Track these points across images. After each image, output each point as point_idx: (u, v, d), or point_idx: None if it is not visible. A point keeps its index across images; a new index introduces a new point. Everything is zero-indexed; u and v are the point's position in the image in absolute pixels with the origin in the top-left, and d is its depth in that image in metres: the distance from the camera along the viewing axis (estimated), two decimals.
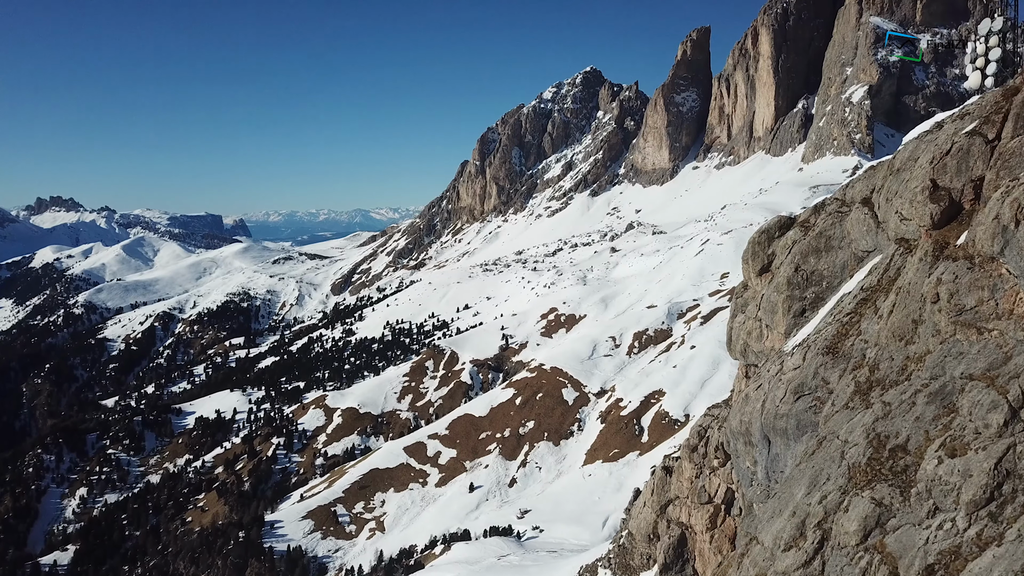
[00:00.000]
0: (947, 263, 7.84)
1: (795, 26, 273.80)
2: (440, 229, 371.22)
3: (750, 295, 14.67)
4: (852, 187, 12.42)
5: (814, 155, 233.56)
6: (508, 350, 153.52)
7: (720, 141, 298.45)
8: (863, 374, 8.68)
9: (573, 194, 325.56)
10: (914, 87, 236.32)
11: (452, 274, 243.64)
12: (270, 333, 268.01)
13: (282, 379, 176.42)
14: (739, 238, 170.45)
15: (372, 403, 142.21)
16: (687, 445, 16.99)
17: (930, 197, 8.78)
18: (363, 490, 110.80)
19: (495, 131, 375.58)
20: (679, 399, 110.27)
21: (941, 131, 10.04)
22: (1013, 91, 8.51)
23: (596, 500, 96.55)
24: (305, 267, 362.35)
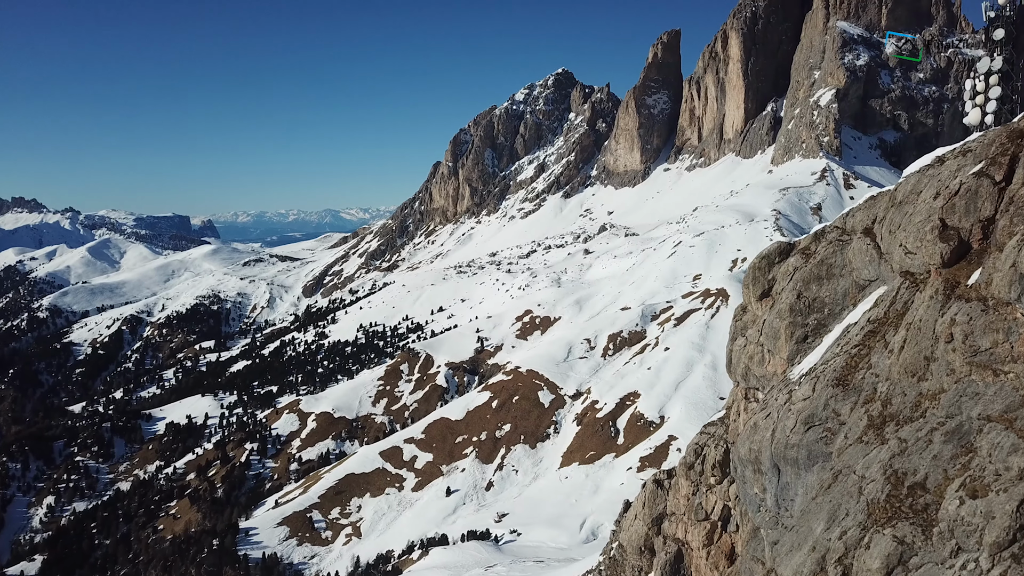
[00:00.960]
0: (960, 304, 8.11)
1: (764, 30, 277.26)
2: (413, 230, 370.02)
3: (749, 318, 14.94)
4: (853, 216, 12.71)
5: (783, 157, 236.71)
6: (483, 353, 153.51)
7: (691, 143, 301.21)
8: (876, 408, 8.93)
9: (546, 196, 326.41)
10: (880, 91, 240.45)
11: (426, 276, 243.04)
12: (241, 336, 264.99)
13: (254, 383, 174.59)
14: (711, 240, 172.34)
15: (347, 407, 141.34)
16: (683, 463, 17.22)
17: (940, 236, 9.05)
18: (339, 495, 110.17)
19: (467, 132, 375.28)
20: (654, 401, 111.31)
21: (943, 167, 10.33)
22: (1019, 134, 8.81)
23: (573, 503, 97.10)
24: (276, 269, 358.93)
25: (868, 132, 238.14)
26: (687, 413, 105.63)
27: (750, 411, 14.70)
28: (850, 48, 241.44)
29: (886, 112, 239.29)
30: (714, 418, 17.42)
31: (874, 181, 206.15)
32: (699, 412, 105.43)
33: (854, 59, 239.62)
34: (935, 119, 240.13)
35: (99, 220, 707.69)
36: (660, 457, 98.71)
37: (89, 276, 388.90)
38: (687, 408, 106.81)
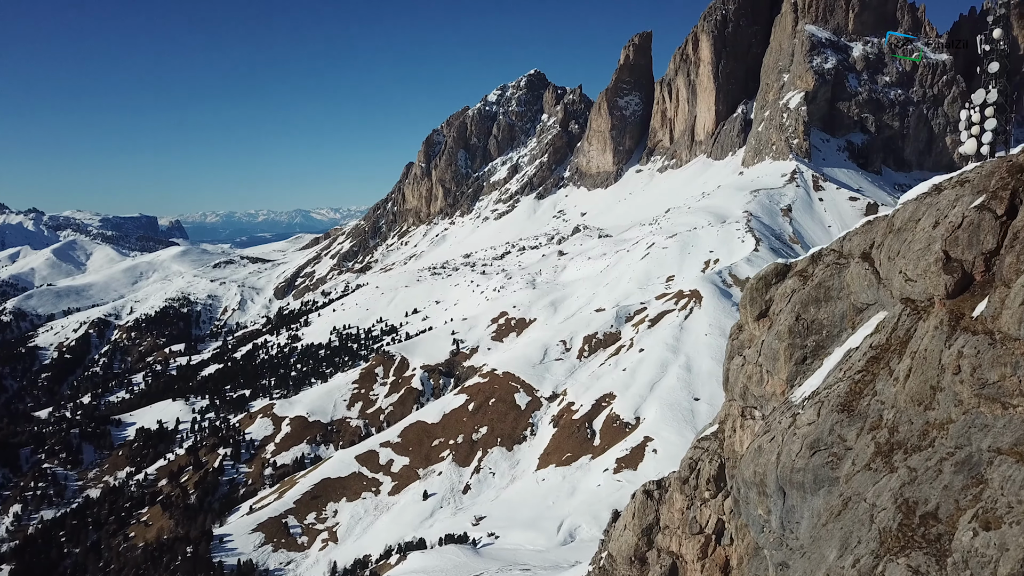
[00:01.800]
0: (967, 336, 8.42)
1: (734, 33, 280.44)
2: (386, 231, 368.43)
3: (746, 337, 15.26)
4: (849, 240, 13.04)
5: (754, 159, 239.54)
6: (459, 355, 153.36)
7: (663, 145, 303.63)
8: (883, 435, 9.23)
9: (519, 197, 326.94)
10: (848, 93, 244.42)
11: (399, 278, 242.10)
12: (212, 339, 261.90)
13: (227, 387, 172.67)
14: (683, 242, 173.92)
15: (321, 411, 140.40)
16: (678, 477, 17.51)
17: (943, 268, 9.38)
18: (315, 500, 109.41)
19: (440, 133, 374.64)
20: (629, 402, 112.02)
21: (941, 196, 10.67)
22: (1018, 168, 9.16)
23: (550, 505, 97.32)
24: (247, 271, 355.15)
25: (836, 134, 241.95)
26: (662, 414, 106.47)
27: (747, 428, 15.00)
28: (818, 51, 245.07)
29: (853, 115, 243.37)
30: (707, 432, 17.72)
31: (843, 183, 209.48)
32: (674, 413, 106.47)
33: (822, 62, 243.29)
34: (901, 121, 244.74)
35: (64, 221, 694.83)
36: (636, 458, 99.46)
37: (54, 278, 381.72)
38: (662, 409, 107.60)
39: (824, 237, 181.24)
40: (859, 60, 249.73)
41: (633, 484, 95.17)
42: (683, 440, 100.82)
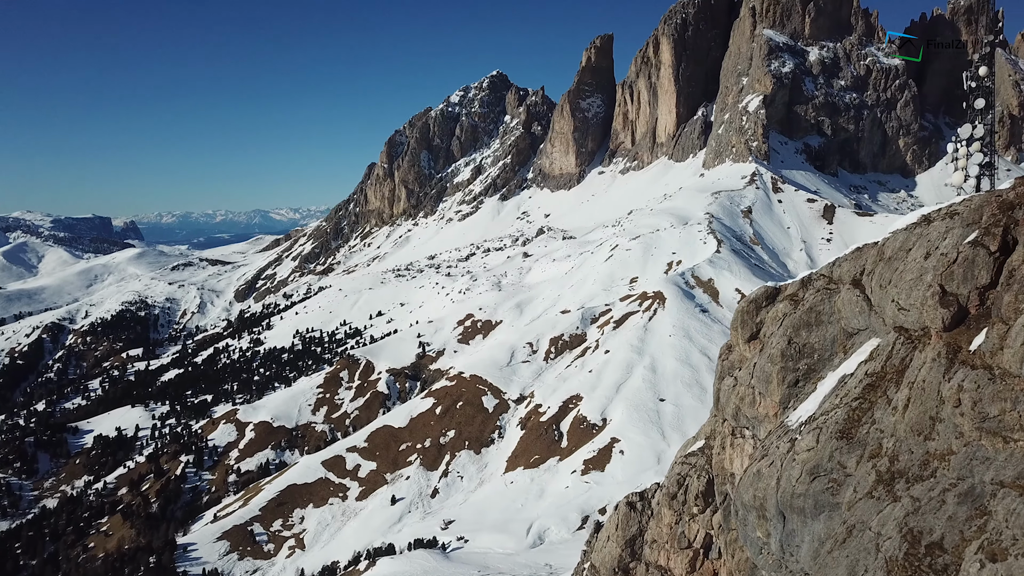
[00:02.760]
0: (966, 370, 8.88)
1: (694, 36, 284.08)
2: (348, 233, 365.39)
3: (736, 358, 15.70)
4: (839, 266, 13.51)
5: (714, 161, 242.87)
6: (425, 358, 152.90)
7: (625, 147, 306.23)
8: (883, 463, 9.66)
9: (483, 198, 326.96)
10: (804, 97, 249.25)
11: (363, 280, 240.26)
12: (171, 343, 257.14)
13: (187, 392, 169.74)
14: (646, 243, 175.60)
15: (286, 416, 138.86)
16: (666, 493, 17.88)
17: (940, 302, 9.85)
18: (281, 507, 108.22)
19: (403, 134, 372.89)
20: (596, 403, 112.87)
21: (931, 227, 11.16)
22: (1008, 205, 9.67)
23: (519, 507, 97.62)
24: (206, 273, 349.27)
25: (794, 137, 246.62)
26: (628, 415, 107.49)
27: (737, 447, 15.41)
28: (776, 56, 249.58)
29: (810, 118, 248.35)
30: (693, 448, 18.13)
31: (800, 185, 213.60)
32: (640, 414, 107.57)
33: (780, 66, 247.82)
34: (856, 125, 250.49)
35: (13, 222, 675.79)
36: (603, 459, 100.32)
37: (4, 282, 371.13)
38: (628, 410, 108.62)
39: (783, 238, 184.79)
40: (815, 64, 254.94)
41: (601, 486, 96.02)
42: (649, 441, 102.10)
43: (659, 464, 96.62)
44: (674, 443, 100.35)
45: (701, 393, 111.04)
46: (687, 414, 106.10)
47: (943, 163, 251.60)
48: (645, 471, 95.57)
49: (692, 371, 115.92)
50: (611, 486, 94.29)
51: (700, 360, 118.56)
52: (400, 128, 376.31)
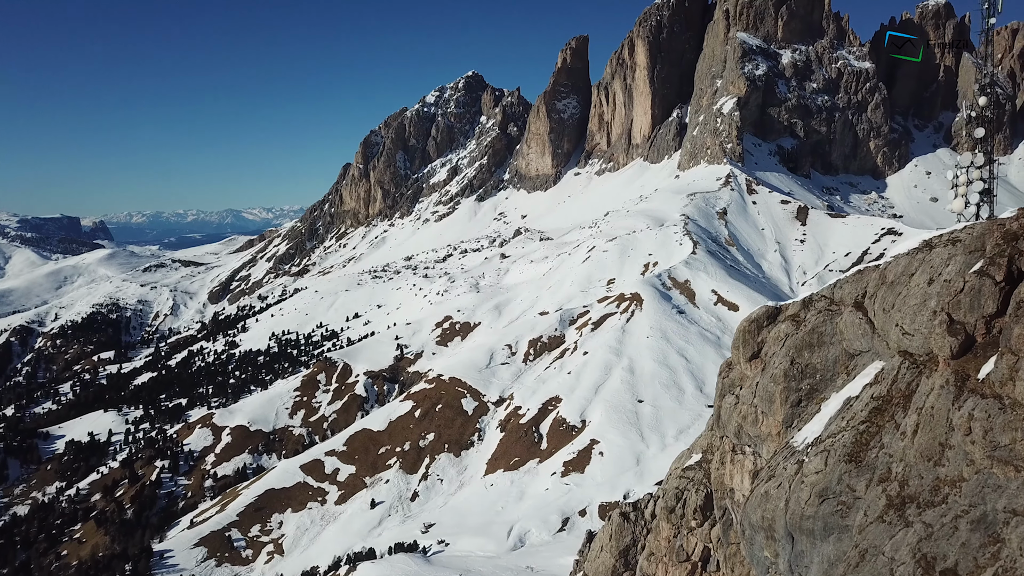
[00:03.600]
0: (976, 399, 9.26)
1: (668, 38, 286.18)
2: (323, 234, 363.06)
3: (736, 376, 16.05)
4: (840, 288, 13.90)
5: (689, 163, 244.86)
6: (403, 360, 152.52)
7: (600, 148, 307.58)
8: (893, 488, 10.02)
9: (460, 199, 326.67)
10: (778, 99, 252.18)
11: (339, 281, 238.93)
12: (143, 346, 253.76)
13: (162, 396, 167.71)
14: (623, 245, 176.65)
15: (263, 420, 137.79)
16: (665, 506, 18.20)
17: (948, 331, 10.24)
18: (259, 512, 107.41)
19: (378, 134, 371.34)
20: (575, 405, 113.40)
21: (933, 253, 11.57)
22: (1012, 236, 10.09)
23: (500, 510, 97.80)
24: (179, 274, 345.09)
25: (767, 139, 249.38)
26: (607, 416, 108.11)
27: (737, 463, 15.76)
28: (749, 58, 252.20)
29: (783, 120, 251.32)
30: (690, 462, 18.48)
31: (774, 186, 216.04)
32: (619, 415, 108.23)
33: (753, 69, 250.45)
34: (828, 127, 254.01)
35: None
36: (583, 461, 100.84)
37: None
38: (607, 411, 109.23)
39: (758, 239, 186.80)
40: (788, 67, 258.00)
41: (581, 487, 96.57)
42: (628, 442, 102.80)
43: (638, 466, 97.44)
44: (652, 444, 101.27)
45: (679, 394, 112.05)
46: (665, 415, 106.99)
47: (912, 165, 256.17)
48: (624, 472, 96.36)
49: (670, 372, 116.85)
50: (591, 488, 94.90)
51: (677, 361, 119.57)
52: (375, 128, 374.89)
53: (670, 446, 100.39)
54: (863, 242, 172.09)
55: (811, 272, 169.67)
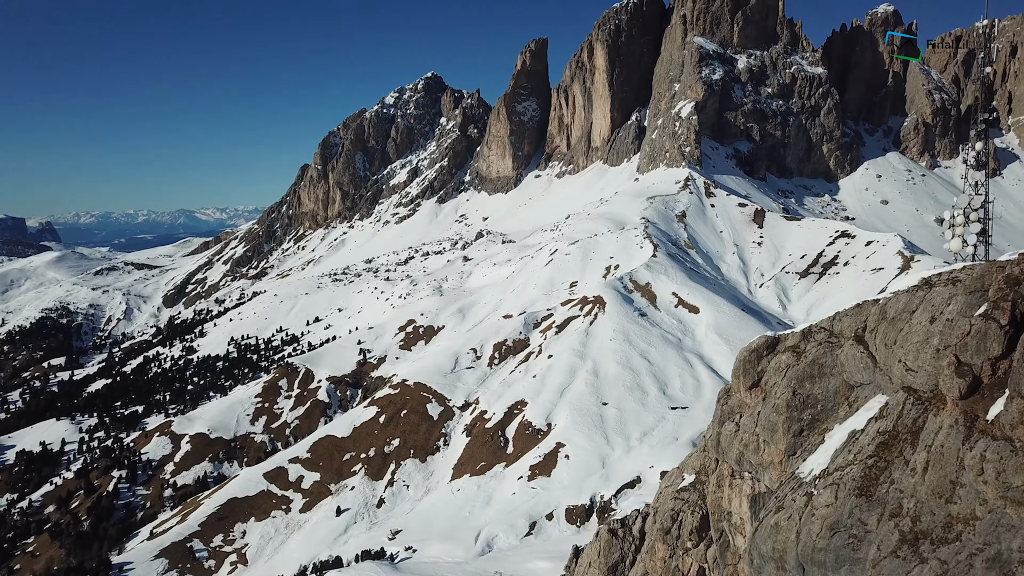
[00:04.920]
0: (987, 440, 9.83)
1: (627, 42, 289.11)
2: (281, 236, 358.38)
3: (735, 403, 16.56)
4: (840, 320, 14.47)
5: (648, 166, 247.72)
6: (366, 365, 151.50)
7: (560, 150, 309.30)
8: (906, 524, 10.54)
9: (420, 201, 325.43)
10: (734, 104, 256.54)
11: (299, 284, 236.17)
12: (96, 352, 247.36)
13: (117, 404, 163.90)
14: (585, 248, 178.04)
15: (223, 427, 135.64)
16: (660, 527, 18.63)
17: (956, 372, 10.82)
18: (221, 521, 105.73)
19: (337, 135, 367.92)
20: (541, 408, 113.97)
21: (934, 292, 12.16)
22: (1015, 281, 10.71)
23: (467, 515, 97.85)
24: (132, 278, 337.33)
25: (724, 142, 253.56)
26: (573, 420, 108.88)
27: (735, 487, 16.25)
28: (707, 63, 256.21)
29: (740, 124, 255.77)
30: (684, 483, 18.95)
31: (732, 189, 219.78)
32: (584, 418, 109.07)
33: (711, 73, 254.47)
34: (783, 131, 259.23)
35: None
36: (549, 465, 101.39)
37: None
38: (572, 414, 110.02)
39: (716, 242, 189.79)
40: (744, 72, 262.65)
41: (547, 491, 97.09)
42: (593, 445, 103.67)
43: (604, 468, 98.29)
44: (618, 447, 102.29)
45: (642, 396, 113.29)
46: (629, 417, 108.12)
47: (863, 168, 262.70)
48: (590, 475, 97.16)
49: (633, 374, 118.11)
50: (557, 491, 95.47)
51: (640, 363, 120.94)
52: (334, 129, 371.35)
53: (635, 448, 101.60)
54: (818, 244, 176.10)
55: (768, 274, 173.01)
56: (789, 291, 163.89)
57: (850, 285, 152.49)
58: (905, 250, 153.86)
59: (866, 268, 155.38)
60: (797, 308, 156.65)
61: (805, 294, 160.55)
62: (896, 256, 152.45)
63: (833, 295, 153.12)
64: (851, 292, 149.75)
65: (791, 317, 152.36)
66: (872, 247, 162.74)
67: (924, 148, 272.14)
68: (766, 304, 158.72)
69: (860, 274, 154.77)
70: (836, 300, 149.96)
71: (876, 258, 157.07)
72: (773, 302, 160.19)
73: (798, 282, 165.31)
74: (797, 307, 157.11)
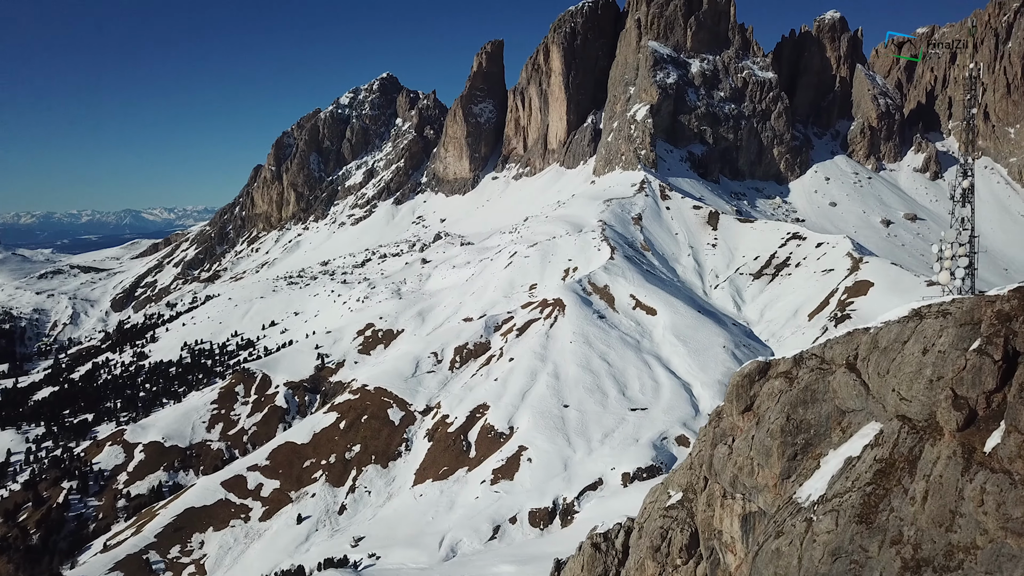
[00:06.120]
0: (986, 472, 10.43)
1: (583, 45, 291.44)
2: (234, 237, 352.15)
3: (727, 426, 17.08)
4: (831, 348, 15.07)
5: (604, 169, 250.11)
6: (325, 370, 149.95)
7: (517, 153, 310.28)
8: (907, 551, 11.10)
9: (377, 202, 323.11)
10: (688, 107, 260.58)
11: (254, 288, 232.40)
12: (41, 358, 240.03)
13: (65, 412, 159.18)
14: (544, 251, 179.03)
15: (178, 435, 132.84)
16: (650, 545, 19.07)
17: (953, 405, 11.44)
18: (178, 532, 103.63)
19: (291, 136, 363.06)
20: (503, 412, 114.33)
21: (925, 323, 12.79)
22: (1006, 316, 11.38)
23: (430, 520, 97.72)
24: (79, 281, 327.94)
25: (679, 145, 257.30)
26: (535, 422, 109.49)
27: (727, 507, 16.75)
28: (661, 67, 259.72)
29: (693, 127, 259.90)
30: (671, 502, 19.43)
31: (686, 192, 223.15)
32: (546, 421, 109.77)
33: (665, 77, 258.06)
34: (735, 134, 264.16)
35: None
36: (512, 468, 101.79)
37: None
38: (534, 417, 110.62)
39: (672, 244, 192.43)
40: (697, 76, 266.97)
41: (511, 494, 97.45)
42: (555, 448, 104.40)
43: (566, 471, 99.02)
44: (579, 449, 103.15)
45: (603, 398, 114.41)
46: (591, 419, 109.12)
47: (813, 171, 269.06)
48: (553, 478, 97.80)
49: (593, 377, 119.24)
50: (520, 494, 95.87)
51: (600, 366, 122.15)
52: (288, 129, 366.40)
53: (596, 450, 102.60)
54: (771, 246, 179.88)
55: (723, 275, 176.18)
56: (743, 292, 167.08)
57: (802, 286, 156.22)
58: (854, 252, 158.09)
59: (817, 269, 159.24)
60: (751, 309, 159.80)
61: (759, 295, 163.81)
62: (846, 258, 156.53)
63: (786, 296, 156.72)
64: (803, 293, 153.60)
65: (745, 318, 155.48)
66: (822, 248, 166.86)
67: (870, 151, 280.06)
68: (721, 305, 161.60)
69: (811, 275, 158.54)
70: (789, 301, 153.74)
71: (826, 259, 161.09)
72: (728, 303, 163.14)
73: (752, 283, 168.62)
74: (751, 308, 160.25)
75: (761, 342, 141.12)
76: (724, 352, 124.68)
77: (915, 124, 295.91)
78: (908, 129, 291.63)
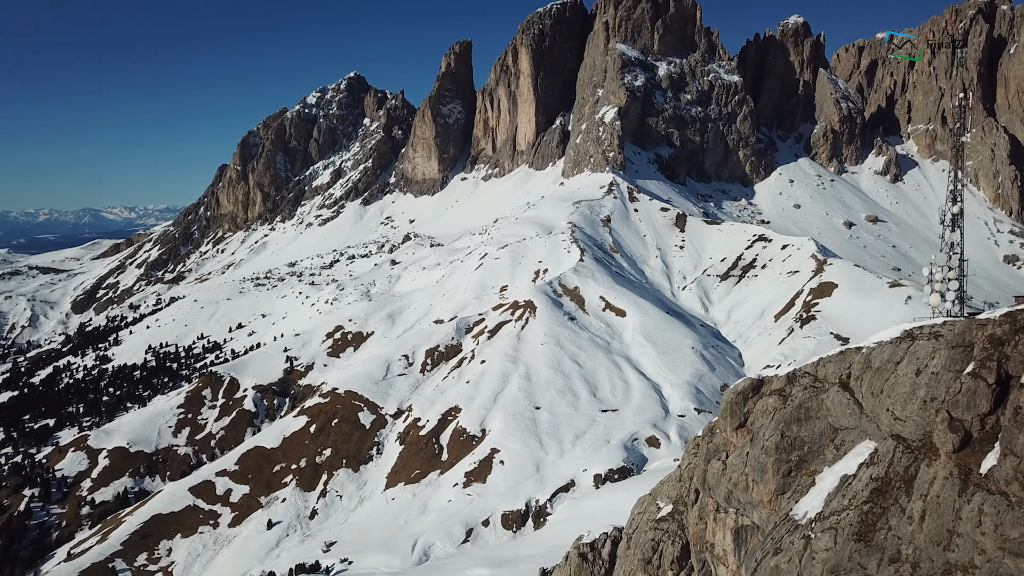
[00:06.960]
0: (984, 494, 10.89)
1: (551, 47, 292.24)
2: (199, 238, 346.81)
3: (720, 441, 17.46)
4: (824, 366, 15.51)
5: (573, 170, 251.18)
6: (294, 373, 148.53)
7: (486, 153, 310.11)
8: (906, 569, 11.53)
9: (344, 202, 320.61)
10: (655, 110, 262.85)
11: (220, 289, 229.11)
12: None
13: (25, 417, 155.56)
14: (514, 252, 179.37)
15: (144, 440, 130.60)
16: (641, 557, 19.40)
17: (949, 427, 11.90)
18: (145, 539, 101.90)
19: (257, 135, 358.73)
20: (475, 414, 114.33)
21: (917, 345, 13.26)
22: (998, 341, 11.87)
23: (402, 524, 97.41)
24: (37, 282, 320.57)
25: (646, 147, 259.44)
26: (507, 425, 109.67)
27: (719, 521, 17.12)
28: (628, 69, 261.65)
29: (661, 129, 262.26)
30: (662, 514, 19.77)
31: (654, 194, 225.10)
32: (518, 423, 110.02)
33: (632, 80, 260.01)
34: (701, 137, 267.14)
35: None
36: (484, 471, 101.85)
37: None
38: (506, 419, 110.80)
39: (640, 246, 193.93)
40: (664, 79, 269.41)
41: (483, 497, 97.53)
42: (528, 450, 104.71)
43: (538, 472, 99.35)
44: (551, 451, 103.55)
45: (574, 400, 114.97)
46: (562, 421, 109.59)
47: (777, 173, 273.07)
48: (525, 480, 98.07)
49: (564, 378, 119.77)
50: (493, 497, 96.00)
51: (571, 367, 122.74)
52: (254, 129, 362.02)
53: (568, 452, 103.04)
54: (737, 248, 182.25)
55: (691, 277, 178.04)
56: (711, 293, 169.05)
57: (768, 287, 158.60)
58: (818, 253, 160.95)
59: (783, 271, 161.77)
60: (719, 310, 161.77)
61: (726, 296, 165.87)
62: (810, 259, 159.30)
63: (753, 297, 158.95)
64: (769, 294, 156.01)
65: (713, 319, 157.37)
66: (788, 250, 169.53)
67: (832, 154, 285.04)
68: (689, 306, 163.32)
69: (777, 276, 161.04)
70: (756, 302, 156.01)
71: (792, 261, 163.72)
72: (696, 304, 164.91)
73: (719, 284, 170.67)
74: (719, 309, 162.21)
75: (729, 343, 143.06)
76: (693, 353, 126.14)
77: (876, 127, 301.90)
78: (869, 132, 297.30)
